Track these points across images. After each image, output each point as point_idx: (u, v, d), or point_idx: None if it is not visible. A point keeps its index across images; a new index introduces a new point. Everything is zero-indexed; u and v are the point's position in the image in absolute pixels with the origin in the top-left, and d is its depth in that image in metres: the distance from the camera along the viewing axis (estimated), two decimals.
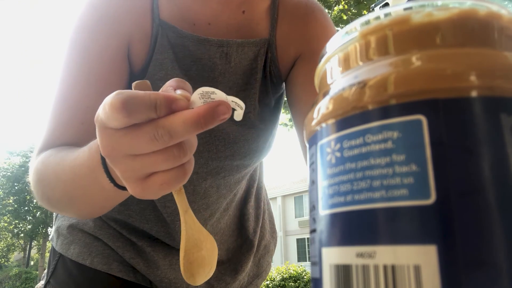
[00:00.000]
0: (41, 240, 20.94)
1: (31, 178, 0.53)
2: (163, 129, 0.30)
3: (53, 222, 0.75)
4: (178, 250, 0.70)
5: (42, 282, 0.71)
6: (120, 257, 0.68)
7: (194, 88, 0.60)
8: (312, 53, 0.67)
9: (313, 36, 0.68)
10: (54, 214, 0.76)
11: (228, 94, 0.33)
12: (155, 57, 0.60)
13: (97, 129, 0.33)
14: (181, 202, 0.39)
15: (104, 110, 0.31)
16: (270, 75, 0.67)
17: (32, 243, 22.74)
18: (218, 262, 0.75)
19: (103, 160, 0.39)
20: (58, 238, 0.70)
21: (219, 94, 0.32)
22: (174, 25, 0.61)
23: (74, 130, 0.55)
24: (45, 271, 0.74)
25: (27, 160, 20.03)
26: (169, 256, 0.70)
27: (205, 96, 0.33)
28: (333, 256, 0.19)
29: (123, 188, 0.41)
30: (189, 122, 0.30)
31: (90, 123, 0.55)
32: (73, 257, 0.67)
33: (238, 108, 0.33)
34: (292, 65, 0.69)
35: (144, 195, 0.35)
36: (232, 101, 0.33)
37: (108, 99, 0.31)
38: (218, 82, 0.64)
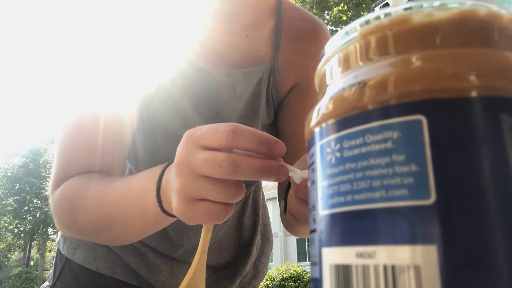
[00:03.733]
0: (41, 240, 20.93)
1: (58, 206, 0.53)
2: (232, 160, 0.34)
3: None
4: (177, 259, 0.71)
5: (48, 283, 0.72)
6: (124, 262, 0.69)
7: (200, 115, 0.59)
8: (308, 85, 0.67)
9: (313, 67, 0.68)
10: None
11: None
12: (165, 84, 0.60)
13: (183, 140, 0.37)
14: (205, 240, 0.40)
15: (210, 130, 0.35)
16: (272, 99, 0.68)
17: (32, 243, 22.73)
18: (216, 268, 0.77)
19: (158, 184, 0.42)
20: (65, 242, 0.71)
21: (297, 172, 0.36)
22: (182, 51, 0.61)
23: (95, 159, 0.55)
24: (50, 271, 0.75)
25: (27, 160, 20.03)
26: (170, 261, 0.71)
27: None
28: (333, 256, 0.19)
29: (167, 214, 0.43)
30: (256, 165, 0.34)
31: (109, 152, 0.57)
32: (79, 261, 0.68)
33: (297, 177, 0.36)
34: (289, 90, 0.69)
35: (184, 214, 0.37)
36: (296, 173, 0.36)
37: (220, 124, 0.35)
38: (223, 110, 0.64)
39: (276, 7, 0.68)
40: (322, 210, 0.20)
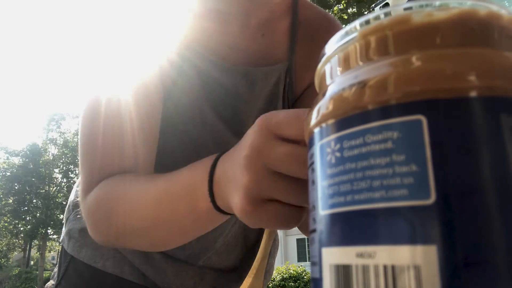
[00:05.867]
0: (41, 240, 20.93)
1: (92, 211, 0.50)
2: None
3: (64, 225, 0.75)
4: (184, 261, 0.71)
5: (53, 282, 0.71)
6: (130, 262, 0.68)
7: (216, 114, 0.61)
8: None
9: None
10: (65, 216, 0.76)
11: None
12: (181, 82, 0.59)
13: (256, 127, 0.31)
14: (266, 246, 0.37)
15: (289, 116, 0.30)
16: (287, 99, 0.67)
17: (32, 243, 22.72)
18: (225, 271, 0.76)
19: (210, 176, 0.37)
20: (70, 241, 0.70)
21: None
22: (198, 49, 0.60)
23: (126, 159, 0.52)
24: (55, 270, 0.74)
25: (27, 160, 20.03)
26: (177, 263, 0.70)
27: None
28: (333, 256, 0.19)
29: (221, 211, 0.38)
30: None
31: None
32: (84, 259, 0.67)
33: None
34: (303, 91, 0.68)
35: (250, 217, 0.32)
36: None
37: (301, 110, 0.30)
38: (241, 109, 0.64)
39: (292, 4, 0.67)
40: (322, 210, 0.20)
